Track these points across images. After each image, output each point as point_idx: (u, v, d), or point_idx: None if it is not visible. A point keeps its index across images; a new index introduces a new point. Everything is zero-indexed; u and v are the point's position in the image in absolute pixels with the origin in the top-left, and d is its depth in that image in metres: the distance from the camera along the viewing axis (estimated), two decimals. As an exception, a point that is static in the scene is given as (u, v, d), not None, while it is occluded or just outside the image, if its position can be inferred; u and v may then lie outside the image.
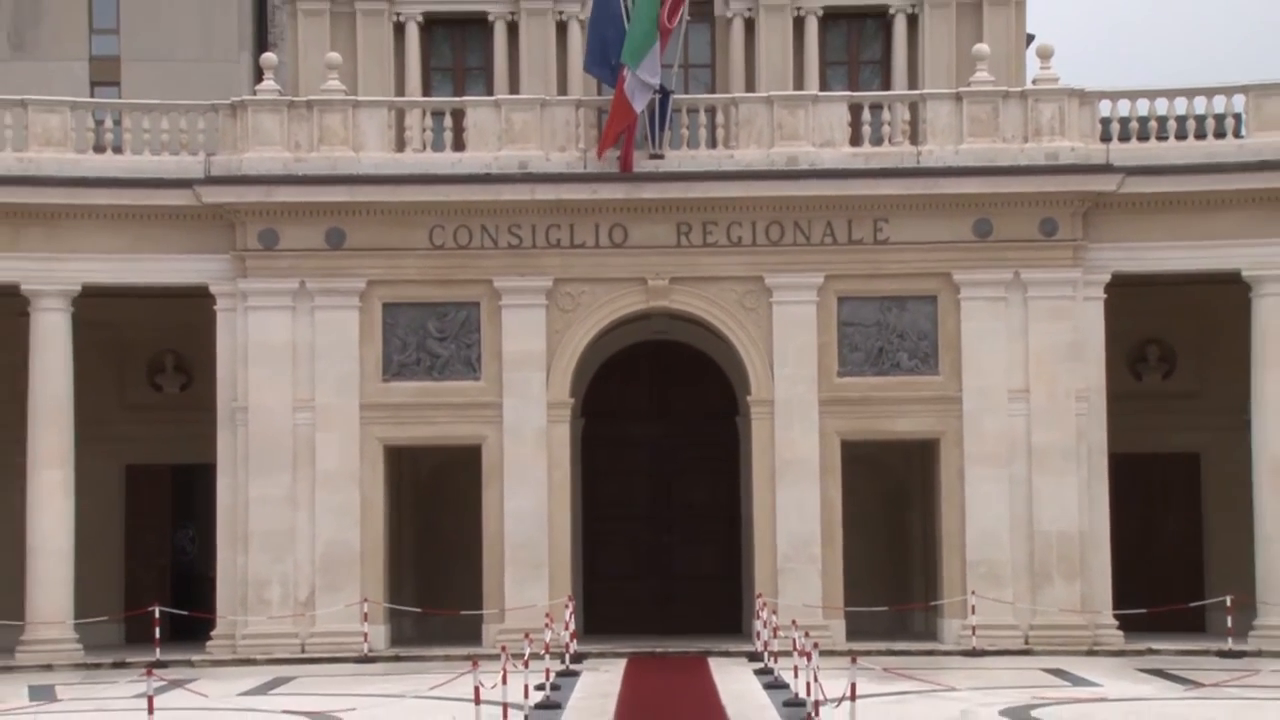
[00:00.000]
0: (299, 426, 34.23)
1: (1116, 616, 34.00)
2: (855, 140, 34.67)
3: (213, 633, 34.16)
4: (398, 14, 38.21)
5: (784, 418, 34.30)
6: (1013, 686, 28.15)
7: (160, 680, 22.40)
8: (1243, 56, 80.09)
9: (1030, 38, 38.41)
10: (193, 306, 34.82)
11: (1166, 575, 36.61)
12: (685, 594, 37.50)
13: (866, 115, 34.88)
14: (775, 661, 29.45)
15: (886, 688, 26.60)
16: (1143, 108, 35.00)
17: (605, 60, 34.15)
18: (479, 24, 38.57)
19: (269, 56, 36.89)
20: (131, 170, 34.35)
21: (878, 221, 34.47)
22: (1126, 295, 34.68)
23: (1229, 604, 33.59)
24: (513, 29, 38.16)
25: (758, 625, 31.82)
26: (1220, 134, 34.85)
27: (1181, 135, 34.61)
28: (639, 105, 33.41)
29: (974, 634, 33.28)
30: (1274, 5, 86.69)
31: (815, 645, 24.03)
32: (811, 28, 38.18)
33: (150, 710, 19.67)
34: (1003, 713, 24.97)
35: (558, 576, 34.14)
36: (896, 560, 37.12)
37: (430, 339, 34.60)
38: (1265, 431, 34.24)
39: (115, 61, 47.59)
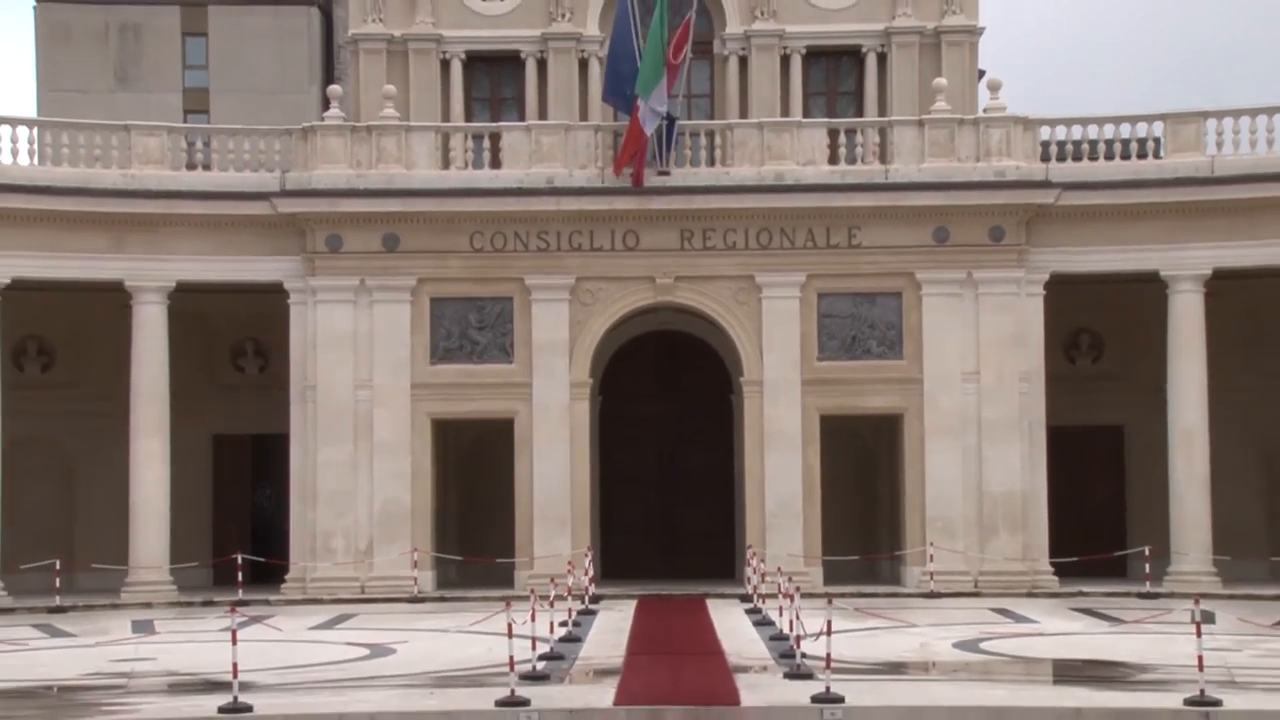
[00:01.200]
0: (359, 403, 34.31)
1: (1052, 564, 34.03)
2: (833, 160, 34.66)
3: (286, 577, 34.27)
4: (444, 52, 38.27)
5: (771, 396, 34.33)
6: (964, 623, 28.23)
7: (242, 616, 22.41)
8: (1165, 87, 79.93)
9: (982, 73, 38.38)
10: (269, 300, 34.86)
11: (1095, 528, 36.56)
12: (686, 546, 37.51)
13: (843, 138, 34.83)
14: (763, 602, 29.51)
15: (858, 624, 26.65)
16: (1077, 132, 34.98)
17: (621, 91, 34.19)
18: (513, 60, 38.58)
19: (335, 88, 37.00)
20: (218, 185, 34.42)
21: (852, 229, 34.45)
22: (1063, 291, 34.67)
23: (1147, 553, 33.65)
24: (542, 65, 38.18)
25: (748, 572, 31.85)
26: (1143, 155, 34.86)
27: (1110, 156, 34.62)
28: (649, 129, 33.40)
29: (932, 579, 33.31)
30: (1190, 47, 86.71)
31: (797, 589, 24.07)
32: (796, 64, 38.18)
33: (234, 641, 19.74)
34: (956, 645, 25.08)
35: (579, 530, 34.20)
36: (866, 517, 37.07)
37: (471, 328, 34.63)
38: (1178, 407, 34.28)
39: (205, 93, 47.74)
